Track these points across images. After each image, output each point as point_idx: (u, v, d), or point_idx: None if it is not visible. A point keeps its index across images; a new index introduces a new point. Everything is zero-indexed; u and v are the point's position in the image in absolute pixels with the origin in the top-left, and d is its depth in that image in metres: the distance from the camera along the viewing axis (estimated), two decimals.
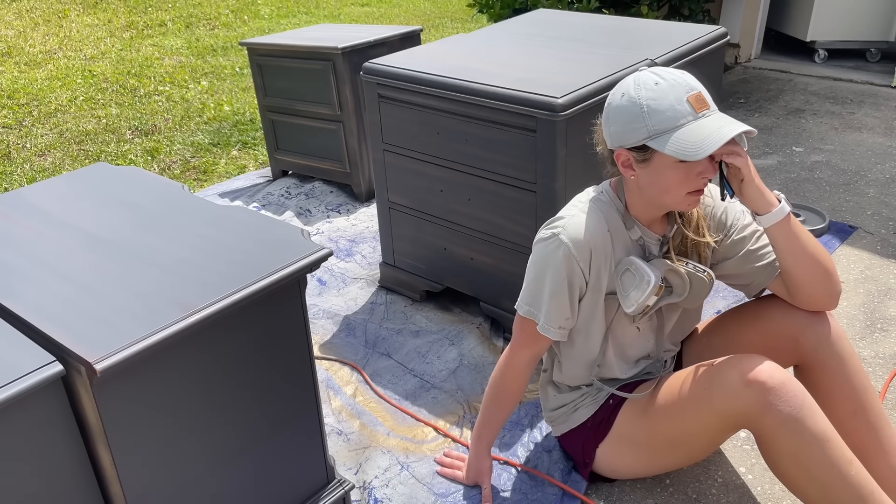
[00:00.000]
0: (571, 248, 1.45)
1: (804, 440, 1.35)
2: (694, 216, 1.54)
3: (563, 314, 1.51)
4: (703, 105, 1.33)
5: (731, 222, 1.56)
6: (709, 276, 1.48)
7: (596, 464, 1.67)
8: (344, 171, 3.21)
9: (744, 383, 1.38)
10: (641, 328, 1.59)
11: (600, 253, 1.48)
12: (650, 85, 1.34)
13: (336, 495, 1.53)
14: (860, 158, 3.50)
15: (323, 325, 2.39)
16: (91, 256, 1.29)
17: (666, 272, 1.47)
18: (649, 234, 1.52)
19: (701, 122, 1.32)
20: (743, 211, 1.57)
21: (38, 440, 1.06)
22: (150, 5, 7.70)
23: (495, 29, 2.63)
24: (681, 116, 1.32)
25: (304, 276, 1.29)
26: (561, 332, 1.53)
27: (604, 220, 1.48)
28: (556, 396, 1.71)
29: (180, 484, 1.23)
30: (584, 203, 1.51)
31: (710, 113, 1.34)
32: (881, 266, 2.61)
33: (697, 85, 1.35)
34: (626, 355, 1.62)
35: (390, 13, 7.45)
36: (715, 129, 1.31)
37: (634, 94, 1.35)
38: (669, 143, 1.32)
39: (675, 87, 1.33)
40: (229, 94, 4.92)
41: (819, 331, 1.52)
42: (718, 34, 2.45)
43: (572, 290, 1.49)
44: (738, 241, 1.55)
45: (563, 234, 1.46)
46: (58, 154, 3.98)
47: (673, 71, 1.37)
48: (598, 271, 1.49)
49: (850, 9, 4.71)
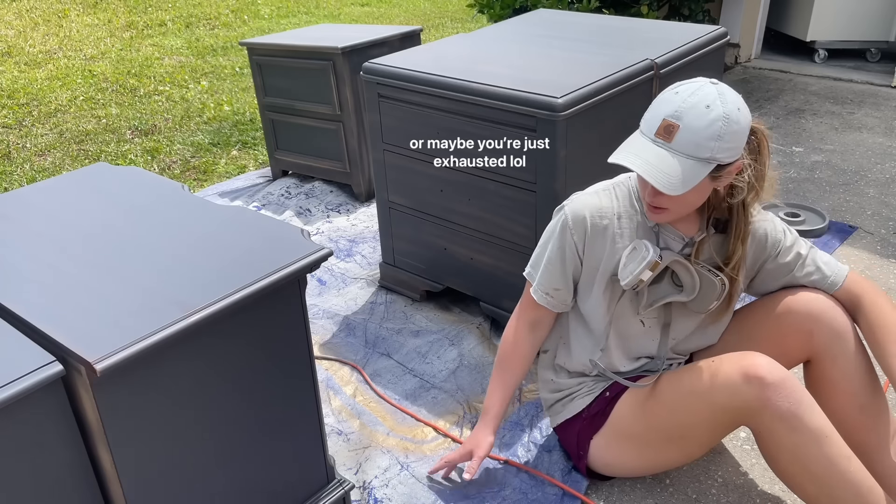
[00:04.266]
0: (569, 220, 1.54)
1: (803, 436, 1.36)
2: (737, 252, 1.50)
3: (553, 282, 1.60)
4: (662, 134, 1.35)
5: (770, 243, 1.57)
6: (721, 281, 1.48)
7: (590, 457, 1.67)
8: (344, 171, 3.21)
9: (743, 379, 1.39)
10: (647, 323, 1.59)
11: (599, 232, 1.53)
12: (666, 93, 1.39)
13: (336, 495, 1.53)
14: (860, 158, 3.50)
15: (323, 325, 2.39)
16: (91, 256, 1.29)
17: (673, 263, 1.49)
18: (666, 226, 1.53)
19: (644, 141, 1.37)
20: (784, 230, 1.58)
21: (38, 440, 1.06)
22: (150, 5, 7.70)
23: (495, 29, 2.63)
24: (645, 128, 1.39)
25: (304, 276, 1.29)
26: (548, 300, 1.61)
27: (616, 203, 1.54)
28: (553, 381, 1.72)
29: (180, 483, 1.23)
30: (604, 185, 1.58)
31: (660, 143, 1.35)
32: (881, 266, 2.61)
33: (685, 116, 1.33)
34: (628, 349, 1.63)
35: (390, 13, 7.45)
36: (633, 153, 1.36)
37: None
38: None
39: (665, 105, 1.36)
40: (229, 94, 4.92)
41: (834, 325, 1.52)
42: (718, 34, 2.45)
43: (564, 260, 1.57)
44: (782, 265, 1.58)
45: (568, 206, 1.55)
46: (58, 154, 3.98)
47: (692, 88, 1.36)
48: (593, 250, 1.54)
49: (850, 9, 4.71)
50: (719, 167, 1.36)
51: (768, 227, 1.57)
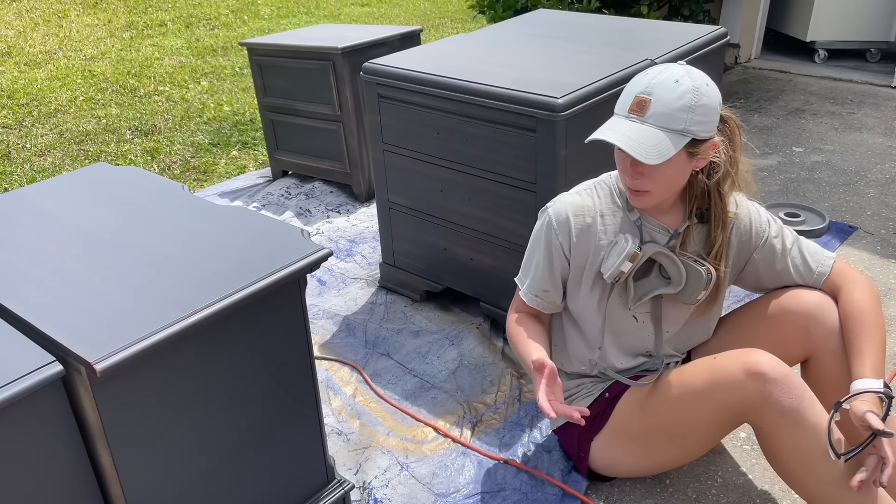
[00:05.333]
0: (553, 222, 1.56)
1: (805, 432, 1.37)
2: (718, 239, 1.53)
3: (542, 284, 1.61)
4: (634, 109, 1.39)
5: (755, 232, 1.58)
6: (707, 270, 1.49)
7: (591, 459, 1.67)
8: (344, 171, 3.21)
9: (746, 375, 1.40)
10: (639, 318, 1.60)
11: (583, 231, 1.54)
12: (637, 76, 1.44)
13: (336, 495, 1.53)
14: (860, 158, 3.50)
15: (323, 325, 2.39)
16: (91, 256, 1.29)
17: (658, 255, 1.50)
18: (649, 219, 1.54)
19: (619, 119, 1.41)
20: (769, 220, 1.59)
21: (38, 440, 1.06)
22: (150, 5, 7.70)
23: (495, 29, 2.63)
24: (619, 109, 1.43)
25: (304, 276, 1.29)
26: (538, 302, 1.63)
27: (597, 201, 1.56)
28: None
29: (180, 484, 1.23)
30: (585, 185, 1.60)
31: (634, 118, 1.39)
32: (881, 266, 2.61)
33: (655, 90, 1.37)
34: (623, 346, 1.63)
35: (390, 13, 7.45)
36: (609, 128, 1.40)
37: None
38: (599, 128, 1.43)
39: (636, 84, 1.41)
40: (229, 94, 4.92)
41: (829, 322, 1.53)
42: (718, 34, 2.46)
43: (551, 262, 1.58)
44: (769, 254, 1.58)
45: (551, 209, 1.58)
46: (58, 154, 3.98)
47: (660, 69, 1.40)
48: (578, 249, 1.56)
49: (850, 9, 4.71)
50: (695, 142, 1.38)
51: (752, 216, 1.58)
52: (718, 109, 1.40)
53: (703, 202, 1.52)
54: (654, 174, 1.40)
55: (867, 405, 1.32)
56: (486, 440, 1.89)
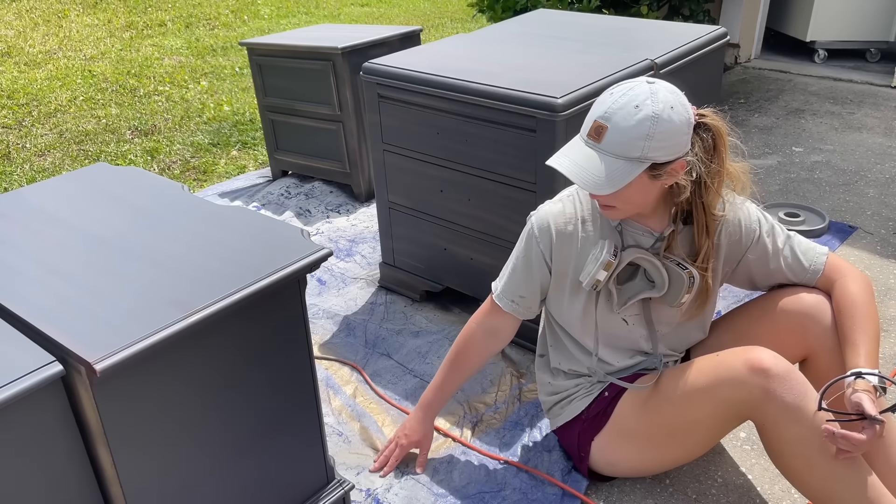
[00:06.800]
0: (535, 229, 1.58)
1: (807, 428, 1.37)
2: (703, 245, 1.51)
3: (518, 290, 1.64)
4: (592, 135, 1.39)
5: (745, 231, 1.57)
6: (689, 274, 1.49)
7: (592, 458, 1.67)
8: (344, 172, 3.21)
9: (748, 371, 1.40)
10: (630, 321, 1.60)
11: (565, 239, 1.55)
12: (604, 94, 1.42)
13: (336, 495, 1.53)
14: (860, 158, 3.50)
15: (323, 325, 2.39)
16: (91, 256, 1.29)
17: (639, 260, 1.50)
18: (632, 223, 1.53)
19: (578, 143, 1.42)
20: (760, 218, 1.58)
21: (38, 440, 1.06)
22: (150, 5, 7.69)
23: (495, 29, 2.63)
24: (582, 128, 1.43)
25: (304, 276, 1.29)
26: (513, 307, 1.65)
27: (579, 207, 1.57)
28: (550, 384, 1.74)
29: (180, 484, 1.23)
30: (567, 192, 1.61)
31: (591, 144, 1.39)
32: (881, 266, 2.61)
33: (613, 117, 1.35)
34: (617, 347, 1.64)
35: (390, 13, 7.45)
36: (564, 154, 1.41)
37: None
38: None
39: (599, 106, 1.39)
40: (229, 94, 4.92)
41: (826, 321, 1.53)
42: (718, 34, 2.46)
43: (529, 269, 1.60)
44: (762, 253, 1.57)
45: (534, 216, 1.59)
46: (58, 154, 3.98)
47: (625, 88, 1.38)
48: (560, 256, 1.57)
49: (850, 9, 4.71)
50: (656, 166, 1.36)
51: (742, 215, 1.57)
52: (687, 130, 1.36)
53: (688, 206, 1.50)
54: (616, 195, 1.40)
55: (862, 390, 1.33)
56: (487, 440, 1.89)
